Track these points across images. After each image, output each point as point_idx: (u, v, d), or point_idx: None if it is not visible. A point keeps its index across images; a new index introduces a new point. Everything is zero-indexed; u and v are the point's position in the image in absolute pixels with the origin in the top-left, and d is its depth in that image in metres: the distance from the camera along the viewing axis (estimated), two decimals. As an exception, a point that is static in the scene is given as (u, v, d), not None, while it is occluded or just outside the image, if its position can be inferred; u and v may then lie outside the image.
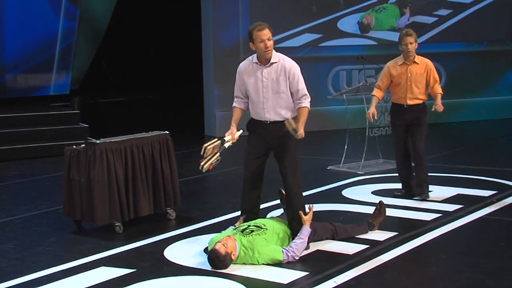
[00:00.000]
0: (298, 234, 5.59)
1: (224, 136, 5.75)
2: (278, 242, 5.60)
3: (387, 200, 6.68)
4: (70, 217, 6.52)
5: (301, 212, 5.70)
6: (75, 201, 6.39)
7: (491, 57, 13.75)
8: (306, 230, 5.62)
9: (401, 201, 7.30)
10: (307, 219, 5.67)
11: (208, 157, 5.61)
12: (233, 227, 5.76)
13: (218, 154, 5.65)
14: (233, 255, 5.36)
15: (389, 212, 6.42)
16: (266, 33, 5.59)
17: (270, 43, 5.61)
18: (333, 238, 5.98)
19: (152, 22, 16.15)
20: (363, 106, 9.13)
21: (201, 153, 5.62)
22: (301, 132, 5.56)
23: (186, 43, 15.29)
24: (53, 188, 8.34)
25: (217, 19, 12.32)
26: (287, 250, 5.48)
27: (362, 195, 7.61)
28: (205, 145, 5.65)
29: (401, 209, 6.99)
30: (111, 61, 15.53)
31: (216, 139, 5.74)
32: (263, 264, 5.42)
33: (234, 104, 5.89)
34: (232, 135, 5.73)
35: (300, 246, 5.53)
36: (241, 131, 5.78)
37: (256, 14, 11.87)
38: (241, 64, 5.86)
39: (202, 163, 5.59)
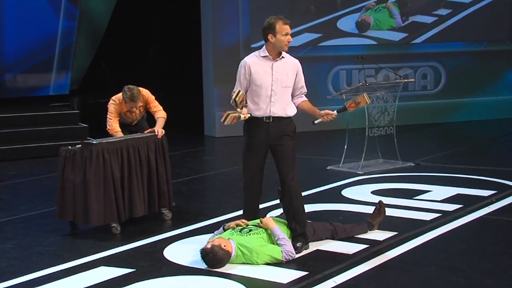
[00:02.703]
0: (275, 239, 5.55)
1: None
2: (276, 242, 5.59)
3: (387, 200, 6.67)
4: (64, 218, 6.46)
5: (261, 219, 5.69)
6: (69, 203, 6.33)
7: (491, 57, 13.76)
8: (276, 231, 5.59)
9: (401, 201, 7.30)
10: (268, 221, 5.63)
11: (233, 112, 5.52)
12: (220, 230, 5.78)
13: (239, 115, 5.57)
14: (225, 246, 5.33)
15: (389, 211, 6.42)
16: (289, 27, 5.67)
17: (291, 39, 5.69)
18: (332, 238, 5.98)
19: (152, 22, 16.17)
20: (362, 106, 9.12)
21: (222, 120, 5.51)
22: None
23: (185, 43, 15.30)
24: (53, 188, 8.25)
25: (217, 19, 12.33)
26: (284, 252, 5.48)
27: (361, 195, 7.61)
28: (229, 112, 5.55)
29: (400, 209, 6.99)
30: (110, 61, 15.53)
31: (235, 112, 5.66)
32: (262, 264, 5.42)
33: None
34: (245, 112, 5.66)
35: (288, 244, 5.52)
36: (249, 114, 5.73)
37: (256, 14, 11.88)
38: (246, 59, 5.79)
39: (228, 112, 5.49)
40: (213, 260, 5.31)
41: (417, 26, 13.50)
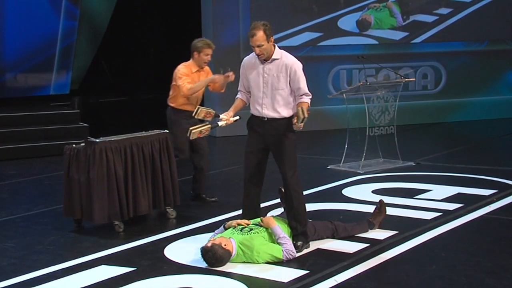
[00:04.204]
0: (275, 238, 5.54)
1: (221, 115, 5.77)
2: (276, 241, 5.59)
3: (387, 199, 6.66)
4: (70, 216, 6.52)
5: (261, 218, 5.69)
6: (75, 200, 6.39)
7: (492, 56, 13.77)
8: (276, 230, 5.57)
9: (401, 200, 7.30)
10: (269, 220, 5.63)
11: (199, 125, 5.63)
12: (221, 229, 5.77)
13: (209, 126, 5.66)
14: (225, 245, 5.34)
15: (389, 211, 6.42)
16: (255, 40, 5.53)
17: (258, 51, 5.57)
18: (333, 237, 5.97)
19: (152, 22, 16.15)
20: (363, 106, 9.14)
21: (193, 114, 5.67)
22: (300, 125, 5.49)
23: (186, 43, 15.27)
24: (53, 187, 8.34)
25: (217, 18, 12.33)
26: (285, 251, 5.47)
27: (362, 194, 7.61)
28: (200, 107, 5.71)
29: (401, 208, 6.99)
30: (111, 61, 15.53)
31: (212, 109, 5.76)
32: (263, 262, 5.42)
33: (237, 96, 5.89)
34: (228, 117, 5.73)
35: (288, 244, 5.51)
36: (238, 117, 5.77)
37: (256, 13, 11.88)
38: (245, 58, 5.87)
39: (191, 128, 5.60)
40: (213, 258, 5.31)
41: (418, 25, 13.50)
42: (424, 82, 13.53)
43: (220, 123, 5.71)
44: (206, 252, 5.32)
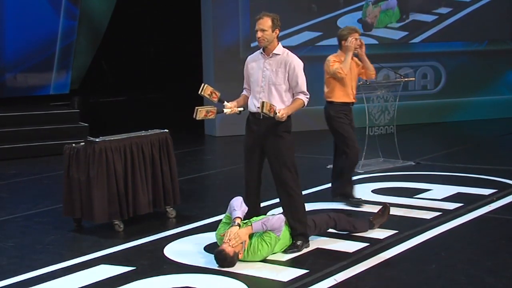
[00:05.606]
0: (263, 232, 5.48)
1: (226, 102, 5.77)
2: (277, 240, 5.59)
3: (387, 199, 6.68)
4: (69, 215, 6.52)
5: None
6: (75, 199, 6.39)
7: (491, 56, 13.77)
8: (257, 227, 5.50)
9: (401, 199, 7.30)
10: (242, 232, 5.48)
11: (205, 106, 5.66)
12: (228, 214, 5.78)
13: (215, 108, 5.68)
14: (240, 253, 5.36)
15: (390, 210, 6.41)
16: (260, 22, 5.65)
17: (260, 34, 5.62)
18: (335, 227, 5.97)
19: (152, 22, 16.17)
20: (363, 105, 9.14)
21: (199, 91, 5.68)
22: (281, 113, 5.49)
23: (185, 43, 15.30)
24: (53, 186, 8.34)
25: (217, 18, 12.33)
26: (275, 231, 5.47)
27: (362, 194, 7.59)
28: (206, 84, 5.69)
29: (401, 207, 6.99)
30: (111, 61, 15.54)
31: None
32: (265, 252, 5.45)
33: (242, 93, 5.93)
34: (233, 106, 5.73)
35: (269, 222, 5.48)
36: (242, 108, 5.77)
37: (256, 13, 11.81)
38: (249, 56, 5.92)
39: (197, 107, 5.62)
40: (228, 266, 5.30)
41: (417, 25, 13.50)
42: (424, 82, 13.53)
43: (225, 110, 5.71)
44: (222, 257, 5.30)
